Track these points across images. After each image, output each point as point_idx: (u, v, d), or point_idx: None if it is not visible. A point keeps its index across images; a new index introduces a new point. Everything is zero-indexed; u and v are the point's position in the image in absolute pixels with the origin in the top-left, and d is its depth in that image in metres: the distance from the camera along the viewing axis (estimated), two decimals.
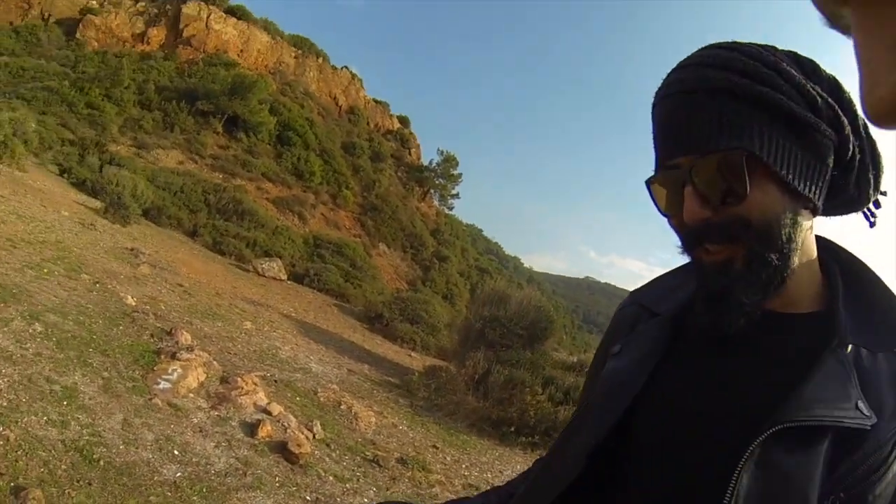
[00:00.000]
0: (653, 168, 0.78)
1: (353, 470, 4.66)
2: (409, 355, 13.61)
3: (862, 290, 0.77)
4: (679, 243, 0.78)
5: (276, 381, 6.19)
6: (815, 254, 0.78)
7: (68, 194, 14.54)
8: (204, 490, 3.35)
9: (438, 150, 46.29)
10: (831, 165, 0.72)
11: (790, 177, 0.69)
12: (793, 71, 0.70)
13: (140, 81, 29.17)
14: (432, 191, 43.72)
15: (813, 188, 0.71)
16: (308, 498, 3.80)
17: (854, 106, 0.72)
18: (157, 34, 35.74)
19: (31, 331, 4.60)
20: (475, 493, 1.05)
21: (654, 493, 0.74)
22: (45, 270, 6.48)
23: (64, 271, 6.84)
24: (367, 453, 5.14)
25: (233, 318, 8.68)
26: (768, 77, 0.69)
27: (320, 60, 43.46)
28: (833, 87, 0.72)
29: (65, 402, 3.69)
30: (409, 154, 46.21)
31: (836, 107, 0.70)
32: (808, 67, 0.72)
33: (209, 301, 9.24)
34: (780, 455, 0.64)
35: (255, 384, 5.49)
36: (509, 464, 6.50)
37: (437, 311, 17.74)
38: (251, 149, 28.88)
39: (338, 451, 4.95)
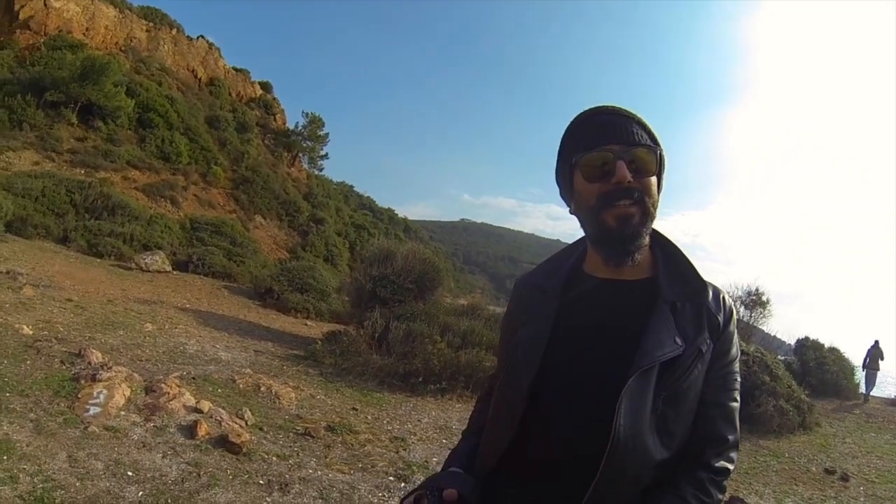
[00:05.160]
0: (558, 156, 1.21)
1: (290, 446, 4.86)
2: (305, 324, 13.61)
3: (674, 261, 1.17)
4: (591, 205, 1.11)
5: (194, 379, 6.11)
6: None
7: None
8: (169, 501, 3.43)
9: (303, 112, 43.74)
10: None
11: (663, 176, 1.15)
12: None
13: None
14: (301, 154, 41.90)
15: (661, 188, 1.15)
16: (261, 482, 3.98)
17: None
18: None
19: None
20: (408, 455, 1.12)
21: (567, 402, 1.07)
22: None
23: None
24: (298, 428, 5.33)
25: (132, 324, 8.24)
26: (643, 120, 1.14)
27: (174, 32, 38.13)
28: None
29: (4, 457, 3.48)
30: (275, 120, 43.45)
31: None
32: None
33: (103, 311, 8.67)
34: (637, 382, 1.00)
35: (179, 386, 5.43)
36: (424, 411, 6.93)
37: (323, 276, 17.58)
38: (111, 136, 24.97)
39: (272, 433, 5.11)
